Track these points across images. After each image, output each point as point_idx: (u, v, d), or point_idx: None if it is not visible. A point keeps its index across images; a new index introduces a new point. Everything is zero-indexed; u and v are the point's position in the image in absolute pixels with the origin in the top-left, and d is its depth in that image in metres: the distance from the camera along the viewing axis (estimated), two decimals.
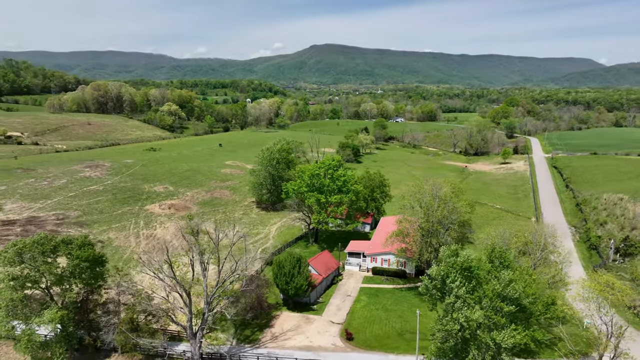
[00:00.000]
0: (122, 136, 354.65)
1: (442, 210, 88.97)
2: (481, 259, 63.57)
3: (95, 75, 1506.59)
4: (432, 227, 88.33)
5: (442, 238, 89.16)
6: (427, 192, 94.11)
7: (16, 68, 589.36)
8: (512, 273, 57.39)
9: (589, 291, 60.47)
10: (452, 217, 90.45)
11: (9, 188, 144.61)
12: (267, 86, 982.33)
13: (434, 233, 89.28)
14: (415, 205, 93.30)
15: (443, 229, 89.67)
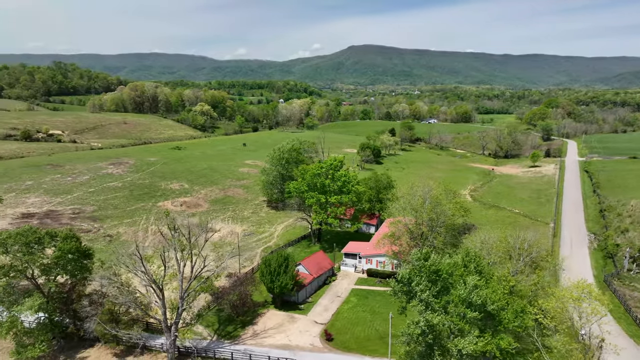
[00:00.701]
0: (155, 135, 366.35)
1: (429, 213, 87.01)
2: (457, 263, 61.89)
3: (140, 76, 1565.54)
4: (418, 229, 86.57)
5: (428, 242, 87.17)
6: (416, 193, 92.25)
7: (64, 70, 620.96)
8: (479, 278, 55.53)
9: (562, 301, 57.59)
10: (440, 220, 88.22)
11: (35, 183, 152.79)
12: (303, 87, 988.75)
13: (422, 236, 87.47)
14: (406, 206, 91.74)
15: (431, 232, 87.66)
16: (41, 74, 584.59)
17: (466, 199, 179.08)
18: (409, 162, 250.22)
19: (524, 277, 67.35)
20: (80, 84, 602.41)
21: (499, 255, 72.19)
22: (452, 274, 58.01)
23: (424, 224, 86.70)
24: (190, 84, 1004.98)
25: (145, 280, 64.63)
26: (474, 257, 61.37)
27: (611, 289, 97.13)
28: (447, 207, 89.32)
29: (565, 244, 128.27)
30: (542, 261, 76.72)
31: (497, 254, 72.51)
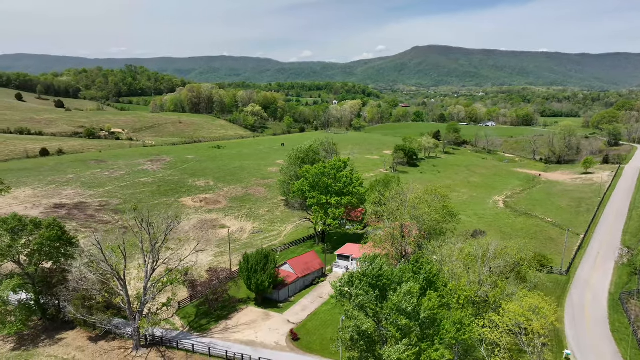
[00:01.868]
0: (207, 134, 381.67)
1: (404, 217, 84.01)
2: (406, 269, 59.81)
3: (208, 78, 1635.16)
4: (394, 233, 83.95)
5: (400, 246, 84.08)
6: (394, 197, 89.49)
7: (134, 73, 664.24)
8: (414, 285, 53.23)
9: (509, 316, 53.52)
10: (418, 224, 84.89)
11: (75, 176, 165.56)
12: (361, 88, 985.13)
13: (399, 240, 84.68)
14: (385, 210, 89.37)
15: (403, 236, 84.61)
16: (114, 76, 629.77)
17: (496, 206, 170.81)
18: (448, 166, 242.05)
19: (486, 289, 63.32)
20: (147, 86, 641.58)
21: (464, 264, 68.33)
22: (393, 281, 56.12)
23: (397, 229, 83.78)
24: (251, 85, 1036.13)
25: (105, 269, 68.28)
26: (425, 264, 58.91)
27: (624, 308, 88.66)
28: (425, 212, 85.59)
29: (589, 256, 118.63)
30: (526, 272, 71.75)
31: (458, 262, 68.71)
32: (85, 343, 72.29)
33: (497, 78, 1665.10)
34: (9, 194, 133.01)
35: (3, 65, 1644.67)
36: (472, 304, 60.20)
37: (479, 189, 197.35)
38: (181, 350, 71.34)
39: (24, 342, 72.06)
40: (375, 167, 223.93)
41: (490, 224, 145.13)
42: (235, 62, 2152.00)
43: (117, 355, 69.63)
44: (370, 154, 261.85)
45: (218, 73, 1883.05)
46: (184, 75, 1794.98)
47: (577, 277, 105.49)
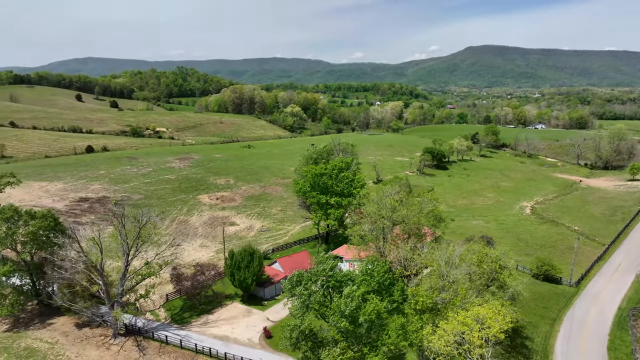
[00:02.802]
0: (246, 134, 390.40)
1: (380, 219, 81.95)
2: (361, 271, 58.87)
3: (261, 79, 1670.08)
4: (371, 234, 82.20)
5: (382, 248, 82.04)
6: (373, 199, 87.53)
7: (184, 74, 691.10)
8: (357, 288, 52.22)
9: (452, 325, 50.91)
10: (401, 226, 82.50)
11: (106, 172, 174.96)
12: (409, 89, 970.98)
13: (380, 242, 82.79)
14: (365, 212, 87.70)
15: (377, 238, 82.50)
16: (166, 78, 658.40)
17: (522, 212, 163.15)
18: (480, 170, 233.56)
19: (445, 295, 60.68)
20: (197, 87, 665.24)
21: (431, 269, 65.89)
22: (347, 283, 55.41)
23: (377, 231, 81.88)
24: (299, 86, 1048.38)
25: (78, 259, 71.89)
26: (379, 268, 57.67)
27: (630, 325, 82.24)
28: (403, 215, 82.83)
29: (608, 268, 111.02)
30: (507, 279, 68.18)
31: (421, 266, 66.32)
32: (71, 329, 76.58)
33: (556, 79, 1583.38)
34: (42, 186, 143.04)
35: (73, 68, 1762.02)
36: (430, 311, 58.06)
37: (508, 194, 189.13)
38: (156, 340, 73.95)
39: (18, 325, 77.43)
40: (402, 169, 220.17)
41: (508, 230, 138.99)
42: (287, 64, 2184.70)
43: (97, 341, 73.25)
44: (402, 155, 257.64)
45: (270, 74, 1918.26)
46: (238, 77, 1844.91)
47: (587, 289, 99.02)
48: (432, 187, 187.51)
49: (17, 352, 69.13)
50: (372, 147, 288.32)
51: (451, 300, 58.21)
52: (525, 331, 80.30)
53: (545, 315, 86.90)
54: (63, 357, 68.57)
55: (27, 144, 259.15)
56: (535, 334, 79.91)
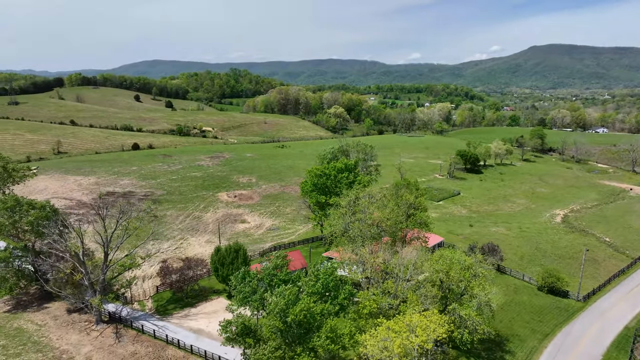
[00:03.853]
0: (288, 134, 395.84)
1: (354, 222, 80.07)
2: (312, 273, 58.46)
3: (315, 81, 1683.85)
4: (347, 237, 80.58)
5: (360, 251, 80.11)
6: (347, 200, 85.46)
7: (237, 76, 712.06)
8: (289, 287, 51.87)
9: (381, 332, 48.82)
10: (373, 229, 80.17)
11: (138, 168, 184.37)
12: (464, 91, 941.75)
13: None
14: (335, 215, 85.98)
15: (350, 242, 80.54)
16: (219, 79, 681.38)
17: (552, 220, 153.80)
18: (517, 174, 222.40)
19: (393, 301, 58.58)
20: (248, 88, 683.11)
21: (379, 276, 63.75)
22: (289, 282, 55.35)
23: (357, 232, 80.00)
24: (350, 88, 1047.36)
25: (59, 248, 76.35)
26: (325, 270, 57.02)
27: (631, 347, 75.45)
28: (377, 217, 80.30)
29: (627, 284, 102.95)
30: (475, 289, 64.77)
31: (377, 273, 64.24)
32: (62, 313, 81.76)
33: (630, 79, 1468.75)
34: (67, 181, 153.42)
35: (141, 70, 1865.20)
36: (377, 316, 56.41)
37: (541, 201, 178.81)
38: (134, 329, 77.25)
39: (18, 307, 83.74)
40: (433, 172, 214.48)
41: (528, 239, 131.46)
42: (342, 65, 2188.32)
43: (80, 326, 77.70)
44: (437, 158, 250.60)
45: (325, 76, 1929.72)
46: (294, 78, 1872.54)
47: (596, 305, 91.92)
48: (459, 191, 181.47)
49: (7, 332, 74.87)
50: (409, 148, 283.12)
51: (400, 306, 56.27)
52: (508, 344, 76.00)
53: (537, 329, 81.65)
54: (45, 339, 73.42)
55: (81, 141, 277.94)
56: (520, 348, 75.33)
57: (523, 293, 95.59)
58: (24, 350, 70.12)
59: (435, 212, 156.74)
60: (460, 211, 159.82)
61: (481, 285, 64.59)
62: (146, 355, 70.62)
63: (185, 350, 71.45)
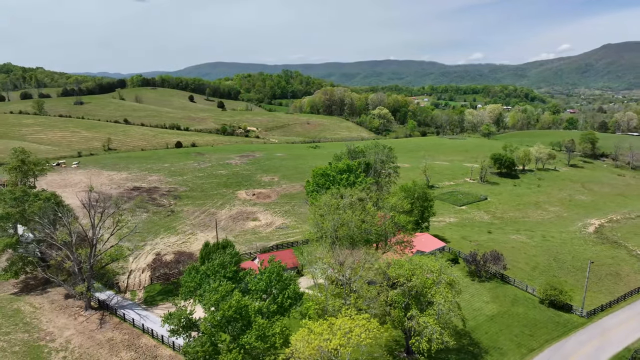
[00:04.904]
0: (330, 135, 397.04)
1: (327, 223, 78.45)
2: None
3: (371, 82, 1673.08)
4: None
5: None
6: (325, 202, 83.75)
7: (288, 77, 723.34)
8: (222, 283, 52.37)
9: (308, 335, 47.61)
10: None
11: (169, 165, 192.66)
12: (523, 92, 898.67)
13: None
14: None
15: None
16: (271, 80, 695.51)
17: (583, 230, 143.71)
18: (558, 180, 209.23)
19: (337, 303, 57.14)
20: (299, 89, 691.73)
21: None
22: (237, 279, 56.01)
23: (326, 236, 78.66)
24: (404, 89, 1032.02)
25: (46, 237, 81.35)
26: (271, 268, 57.12)
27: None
28: (348, 218, 78.12)
29: None
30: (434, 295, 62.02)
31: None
32: (59, 298, 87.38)
33: None
34: (102, 175, 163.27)
35: (204, 71, 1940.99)
36: (320, 316, 55.51)
37: (577, 209, 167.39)
38: (118, 317, 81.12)
39: (24, 290, 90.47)
40: (464, 175, 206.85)
41: (548, 248, 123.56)
42: (399, 66, 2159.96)
43: (71, 311, 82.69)
44: (474, 161, 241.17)
45: (381, 77, 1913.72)
46: (349, 79, 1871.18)
47: (600, 322, 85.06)
48: (486, 196, 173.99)
49: (5, 312, 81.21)
50: (447, 151, 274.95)
51: (342, 308, 55.08)
52: (486, 357, 72.15)
53: (524, 343, 76.78)
54: (36, 321, 78.88)
55: (130, 139, 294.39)
56: None
57: (521, 305, 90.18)
58: (14, 330, 75.74)
59: (455, 217, 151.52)
60: (483, 217, 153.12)
61: (440, 292, 61.68)
62: (120, 342, 73.97)
63: (157, 340, 74.04)
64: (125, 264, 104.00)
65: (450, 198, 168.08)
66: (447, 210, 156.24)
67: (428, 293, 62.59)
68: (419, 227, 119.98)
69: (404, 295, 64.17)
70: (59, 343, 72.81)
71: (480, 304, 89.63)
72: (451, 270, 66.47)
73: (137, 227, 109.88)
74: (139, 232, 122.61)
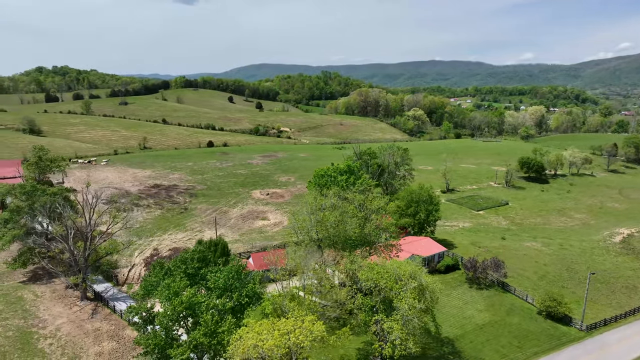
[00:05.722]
0: (362, 136, 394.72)
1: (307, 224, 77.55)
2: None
3: (415, 82, 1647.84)
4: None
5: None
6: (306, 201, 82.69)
7: (327, 78, 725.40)
8: (177, 279, 53.38)
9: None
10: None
11: (193, 164, 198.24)
12: (574, 93, 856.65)
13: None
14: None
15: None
16: (309, 81, 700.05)
17: (608, 239, 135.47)
18: (593, 186, 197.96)
19: (293, 303, 56.69)
20: (337, 90, 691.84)
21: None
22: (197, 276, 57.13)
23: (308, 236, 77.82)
24: (447, 90, 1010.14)
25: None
26: (229, 267, 57.80)
27: None
28: (326, 219, 76.64)
29: None
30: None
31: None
32: (60, 288, 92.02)
33: None
34: (128, 172, 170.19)
35: (249, 73, 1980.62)
36: (279, 316, 55.43)
37: (607, 217, 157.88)
38: (109, 308, 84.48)
39: (33, 278, 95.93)
40: (490, 179, 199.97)
41: (563, 257, 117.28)
42: (444, 67, 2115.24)
43: (68, 301, 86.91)
44: (504, 165, 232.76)
45: (425, 78, 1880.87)
46: (392, 80, 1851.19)
47: (600, 337, 79.92)
48: (507, 201, 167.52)
49: (9, 299, 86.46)
50: (478, 153, 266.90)
51: (295, 309, 54.75)
52: None
53: (509, 355, 73.33)
54: (35, 309, 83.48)
55: (166, 138, 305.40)
56: None
57: (516, 315, 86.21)
58: (13, 316, 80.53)
59: (470, 221, 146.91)
60: (500, 222, 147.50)
61: (406, 298, 59.95)
62: (106, 333, 77.00)
63: (139, 332, 76.50)
64: (130, 257, 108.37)
65: (469, 202, 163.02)
66: (463, 215, 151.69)
67: (394, 298, 61.17)
68: (423, 231, 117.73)
69: (371, 299, 63.09)
70: (49, 330, 76.73)
71: (473, 312, 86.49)
72: (424, 276, 64.43)
73: (130, 222, 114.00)
74: (149, 228, 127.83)
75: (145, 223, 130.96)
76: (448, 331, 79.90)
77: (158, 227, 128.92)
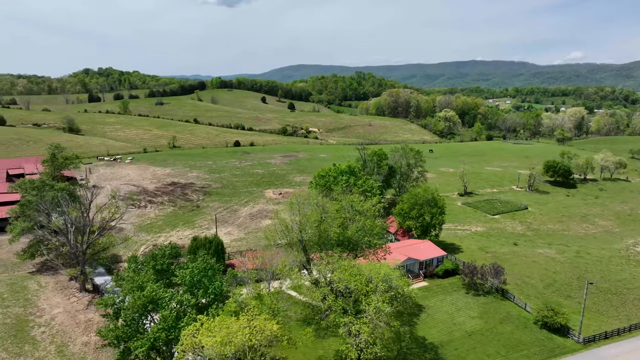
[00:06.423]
0: (391, 137, 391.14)
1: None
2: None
3: (455, 83, 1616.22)
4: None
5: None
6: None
7: (360, 79, 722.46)
8: (146, 274, 54.58)
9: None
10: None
11: (212, 163, 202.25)
12: (623, 94, 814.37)
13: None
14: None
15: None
16: (343, 82, 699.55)
17: (631, 248, 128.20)
18: (624, 192, 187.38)
19: (255, 302, 56.53)
20: (370, 91, 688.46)
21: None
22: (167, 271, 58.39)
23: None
24: (485, 90, 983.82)
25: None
26: (197, 265, 58.63)
27: None
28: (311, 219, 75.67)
29: None
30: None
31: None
32: (64, 279, 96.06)
33: None
34: (147, 169, 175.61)
35: (287, 74, 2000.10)
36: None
37: (634, 225, 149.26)
38: None
39: (40, 269, 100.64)
40: (512, 183, 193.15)
41: (576, 266, 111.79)
42: (486, 67, 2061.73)
43: (68, 292, 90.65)
44: (531, 168, 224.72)
45: (465, 78, 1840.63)
46: (431, 81, 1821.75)
47: (597, 351, 75.59)
48: (527, 205, 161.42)
49: (15, 288, 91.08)
50: (506, 156, 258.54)
51: (254, 308, 54.76)
52: None
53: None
54: (36, 298, 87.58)
55: (195, 137, 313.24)
56: None
57: (510, 323, 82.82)
58: (14, 304, 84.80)
59: (484, 226, 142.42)
60: (515, 227, 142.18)
61: (375, 301, 58.76)
62: (97, 324, 79.70)
63: None
64: (137, 252, 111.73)
65: (485, 206, 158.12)
66: (477, 219, 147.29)
67: (363, 300, 60.23)
68: (427, 234, 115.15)
69: (343, 301, 62.37)
70: (44, 319, 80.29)
71: (464, 318, 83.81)
72: (396, 279, 63.04)
73: (125, 217, 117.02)
74: (159, 225, 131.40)
75: (157, 219, 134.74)
76: (435, 337, 77.83)
77: (168, 223, 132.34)
